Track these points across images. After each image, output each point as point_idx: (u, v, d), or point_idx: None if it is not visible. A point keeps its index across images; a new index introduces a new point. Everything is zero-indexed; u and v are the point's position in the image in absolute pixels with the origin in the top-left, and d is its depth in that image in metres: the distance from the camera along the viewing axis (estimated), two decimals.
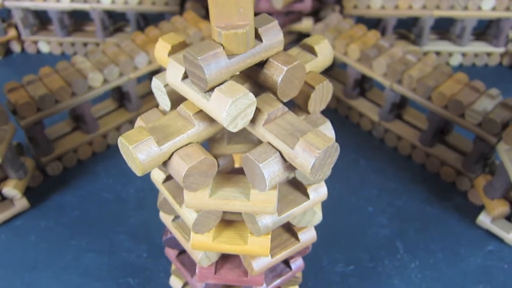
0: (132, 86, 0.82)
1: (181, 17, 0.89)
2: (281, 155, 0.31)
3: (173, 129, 0.32)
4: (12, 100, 0.72)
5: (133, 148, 0.30)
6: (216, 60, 0.29)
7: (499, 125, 0.69)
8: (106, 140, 0.85)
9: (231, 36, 0.29)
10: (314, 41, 0.37)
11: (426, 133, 0.80)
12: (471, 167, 0.76)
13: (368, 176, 0.82)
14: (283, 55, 0.32)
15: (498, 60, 1.07)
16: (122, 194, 0.79)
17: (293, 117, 0.32)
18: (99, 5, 0.98)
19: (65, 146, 0.80)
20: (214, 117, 0.30)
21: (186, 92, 0.32)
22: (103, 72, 0.76)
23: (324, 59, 0.37)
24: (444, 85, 0.76)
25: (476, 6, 0.97)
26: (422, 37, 1.02)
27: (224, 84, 0.30)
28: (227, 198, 0.34)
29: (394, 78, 0.79)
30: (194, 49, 0.30)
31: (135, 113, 0.86)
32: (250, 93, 0.30)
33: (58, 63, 0.79)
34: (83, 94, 0.76)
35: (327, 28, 0.87)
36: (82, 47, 1.07)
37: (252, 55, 0.31)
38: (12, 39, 1.07)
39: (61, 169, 0.81)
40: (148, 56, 0.81)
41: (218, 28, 0.30)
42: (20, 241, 0.72)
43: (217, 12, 0.29)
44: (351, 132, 0.91)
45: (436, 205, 0.78)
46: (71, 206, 0.77)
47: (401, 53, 0.81)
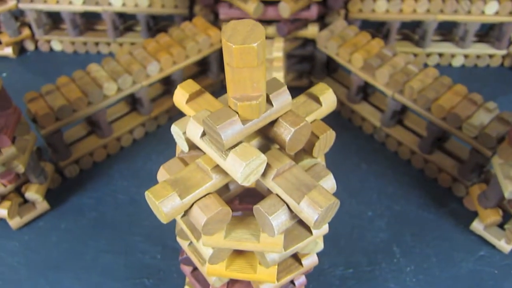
0: (144, 92, 0.86)
1: (191, 23, 0.91)
2: (288, 206, 0.35)
3: (193, 181, 0.36)
4: (32, 110, 0.76)
5: (159, 203, 0.34)
6: (232, 127, 0.33)
7: (494, 139, 0.73)
8: (120, 142, 0.89)
9: (245, 106, 0.33)
10: (319, 91, 0.41)
11: (425, 141, 0.84)
12: (467, 175, 0.80)
13: (368, 180, 0.87)
14: (291, 115, 0.36)
15: (500, 61, 1.09)
16: (136, 196, 0.84)
17: (299, 171, 0.36)
18: (110, 7, 1.00)
19: (81, 150, 0.84)
20: (229, 173, 0.34)
21: (205, 148, 0.36)
22: (117, 82, 0.80)
23: (328, 108, 0.41)
24: (443, 97, 0.79)
25: (479, 11, 0.99)
26: (425, 40, 1.05)
27: (239, 146, 0.34)
28: (240, 239, 0.38)
29: (396, 88, 0.82)
30: (213, 117, 0.33)
31: (147, 116, 0.90)
32: (261, 155, 0.34)
33: (74, 72, 0.82)
34: (99, 103, 0.80)
35: (332, 35, 0.90)
36: (94, 46, 1.10)
37: (263, 119, 0.35)
38: (26, 38, 1.10)
39: (78, 171, 0.86)
40: (160, 64, 0.84)
41: (234, 100, 0.33)
42: (43, 242, 0.77)
43: (233, 86, 0.33)
44: (353, 135, 0.95)
45: (433, 210, 0.82)
46: (88, 207, 0.82)
47: (403, 63, 0.84)
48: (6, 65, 1.10)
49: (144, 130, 0.92)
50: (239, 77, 0.31)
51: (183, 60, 0.87)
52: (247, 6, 0.84)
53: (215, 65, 0.95)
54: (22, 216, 0.78)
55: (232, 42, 0.30)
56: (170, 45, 0.87)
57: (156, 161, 0.89)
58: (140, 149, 0.91)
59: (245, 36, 0.30)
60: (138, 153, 0.90)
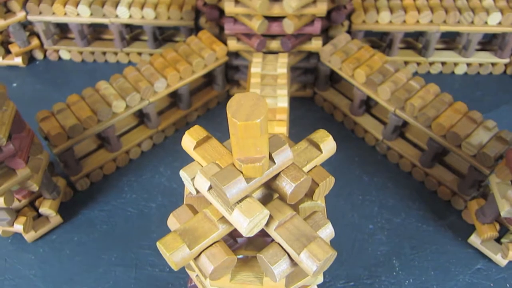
0: (152, 108, 0.88)
1: (196, 37, 0.93)
2: (289, 255, 0.38)
3: (200, 231, 0.38)
4: (45, 130, 0.78)
5: (170, 255, 0.37)
6: (237, 186, 0.36)
7: (492, 159, 0.75)
8: (129, 155, 0.92)
9: (250, 168, 0.35)
10: (319, 138, 0.43)
11: (426, 155, 0.86)
12: (465, 190, 0.83)
13: (370, 193, 0.89)
14: (293, 170, 0.38)
15: (503, 69, 1.11)
16: (145, 209, 0.87)
17: (299, 221, 0.39)
18: (117, 19, 1.02)
19: (92, 164, 0.87)
20: (234, 226, 0.37)
21: (211, 200, 0.38)
22: (125, 100, 0.82)
23: (328, 154, 0.44)
24: (443, 114, 0.81)
25: (482, 21, 1.00)
26: (428, 49, 1.06)
27: (243, 201, 0.37)
28: (244, 282, 0.41)
29: (398, 105, 0.84)
30: (219, 177, 0.36)
31: (155, 130, 0.93)
32: (264, 210, 0.36)
33: (84, 90, 0.85)
34: (108, 121, 0.82)
35: (335, 49, 0.91)
36: (101, 55, 1.12)
37: (266, 176, 0.37)
38: (35, 48, 1.12)
39: (88, 184, 0.89)
40: (167, 80, 0.86)
41: (239, 161, 0.36)
42: (57, 255, 0.81)
43: (238, 150, 0.35)
44: (356, 146, 0.97)
45: (432, 223, 0.85)
46: (99, 220, 0.85)
47: (405, 79, 0.86)
48: (16, 75, 1.13)
49: (151, 143, 0.94)
50: (244, 144, 0.34)
51: (190, 75, 0.89)
52: (252, 23, 0.86)
53: (221, 78, 0.98)
54: (36, 230, 0.81)
55: (237, 118, 0.32)
56: (176, 60, 0.89)
57: (164, 174, 0.92)
58: (148, 161, 0.94)
59: (249, 112, 0.32)
60: (146, 165, 0.93)
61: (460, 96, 1.06)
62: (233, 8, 0.85)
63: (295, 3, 0.81)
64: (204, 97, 0.99)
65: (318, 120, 1.01)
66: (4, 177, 0.71)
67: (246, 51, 0.94)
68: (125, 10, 1.00)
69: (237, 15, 0.87)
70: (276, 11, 0.85)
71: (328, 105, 1.01)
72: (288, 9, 0.83)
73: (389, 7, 1.01)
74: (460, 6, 1.01)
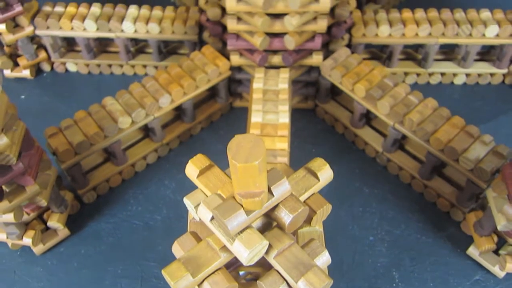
0: (157, 122, 0.90)
1: (200, 53, 0.95)
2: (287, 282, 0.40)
3: (203, 259, 0.41)
4: (53, 146, 0.81)
5: (175, 283, 0.39)
6: (237, 218, 0.38)
7: (489, 173, 0.77)
8: (134, 168, 0.94)
9: (249, 202, 0.37)
10: (317, 167, 0.45)
11: (424, 168, 0.88)
12: (463, 202, 0.84)
13: (370, 204, 0.91)
14: (291, 201, 0.40)
15: (501, 79, 1.12)
16: (150, 221, 0.89)
17: (297, 250, 0.41)
18: (123, 33, 1.04)
19: (98, 178, 0.90)
20: (235, 255, 0.39)
21: (214, 230, 0.41)
22: (131, 116, 0.85)
23: (325, 182, 0.46)
24: (441, 129, 0.82)
25: (480, 34, 1.02)
26: (427, 61, 1.07)
27: (244, 232, 0.39)
28: None
29: (397, 119, 0.86)
30: (220, 210, 0.38)
31: (160, 143, 0.95)
32: (264, 241, 0.38)
33: (91, 106, 0.87)
34: (114, 136, 0.85)
35: (335, 64, 0.93)
36: (107, 67, 1.15)
37: (265, 208, 0.39)
38: (43, 61, 1.15)
39: (95, 197, 0.91)
40: (171, 96, 0.89)
41: (239, 196, 0.38)
42: (65, 267, 0.83)
43: (238, 185, 0.37)
44: (357, 158, 0.99)
45: (431, 234, 0.87)
46: (106, 233, 0.87)
47: (404, 93, 0.88)
48: (24, 87, 1.15)
49: (156, 155, 0.97)
50: (244, 181, 0.36)
51: (193, 90, 0.91)
52: (254, 39, 0.88)
53: (224, 91, 1.00)
54: (45, 243, 0.83)
55: (237, 160, 0.34)
56: (181, 76, 0.91)
57: (168, 186, 0.94)
58: (153, 174, 0.96)
59: (248, 154, 0.34)
60: (152, 178, 0.95)
61: (459, 106, 1.08)
62: (236, 26, 0.87)
63: (295, 20, 0.83)
64: (208, 110, 1.01)
65: (319, 132, 1.03)
66: (13, 193, 0.73)
67: (248, 65, 0.96)
68: (131, 25, 1.02)
69: (240, 31, 0.89)
70: (277, 28, 0.87)
71: (329, 117, 1.02)
72: (289, 26, 0.84)
73: (389, 21, 1.02)
74: (458, 19, 1.03)
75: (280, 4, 0.83)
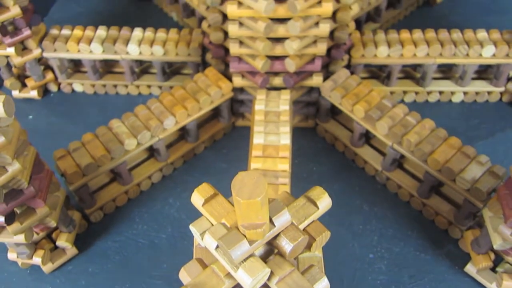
0: (161, 143, 0.93)
1: (203, 75, 0.98)
2: None
3: (209, 286, 0.43)
4: (62, 168, 0.83)
5: None
6: (241, 248, 0.40)
7: (485, 194, 0.79)
8: (140, 187, 0.97)
9: (252, 233, 0.40)
10: (316, 196, 0.48)
11: (423, 186, 0.90)
12: (461, 220, 0.86)
13: (370, 222, 0.93)
14: (291, 230, 0.43)
15: (499, 97, 1.14)
16: (156, 240, 0.91)
17: (298, 276, 0.43)
18: (128, 56, 1.07)
19: (105, 197, 0.92)
20: (239, 282, 0.42)
21: (218, 258, 0.43)
22: (137, 138, 0.87)
23: (324, 209, 0.48)
24: (438, 149, 0.85)
25: (477, 54, 1.04)
26: (426, 79, 1.10)
27: (247, 261, 0.41)
28: None
29: (395, 140, 0.88)
30: (225, 240, 0.40)
31: (164, 163, 0.98)
32: (266, 268, 0.41)
33: (98, 129, 0.90)
34: (121, 158, 0.87)
35: (335, 85, 0.96)
36: (112, 87, 1.18)
37: (267, 237, 0.42)
38: (50, 81, 1.18)
39: (102, 216, 0.94)
40: (175, 118, 0.91)
41: (242, 227, 0.40)
42: (73, 285, 0.85)
43: (241, 217, 0.39)
44: (357, 176, 1.01)
45: (430, 252, 0.89)
46: (112, 251, 0.90)
47: (402, 114, 0.90)
48: (32, 107, 1.18)
49: (161, 174, 0.99)
50: (247, 214, 0.38)
51: (197, 112, 0.94)
52: (256, 62, 0.91)
53: (226, 111, 1.02)
54: (53, 262, 0.86)
55: (240, 197, 0.37)
56: (185, 98, 0.94)
57: (173, 205, 0.96)
58: (158, 193, 0.99)
59: (251, 190, 0.36)
60: (157, 197, 0.98)
61: (458, 123, 1.11)
62: (238, 49, 0.90)
63: (296, 44, 0.86)
64: (211, 130, 1.04)
65: (320, 150, 1.06)
66: (24, 215, 0.76)
67: (250, 87, 0.99)
68: (135, 48, 1.05)
69: (242, 55, 0.92)
70: (278, 51, 0.90)
71: (329, 136, 1.05)
72: (290, 50, 0.87)
73: (387, 41, 1.05)
74: (455, 39, 1.05)
75: (281, 29, 0.86)
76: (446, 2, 1.44)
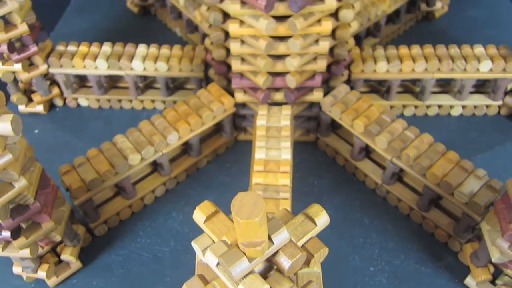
0: (165, 158, 0.95)
1: (206, 90, 1.00)
2: None
3: None
4: (67, 183, 0.85)
5: None
6: (241, 265, 0.42)
7: (482, 207, 0.80)
8: (143, 201, 0.98)
9: (252, 251, 0.41)
10: (314, 213, 0.49)
11: (422, 200, 0.91)
12: (460, 233, 0.87)
13: (370, 235, 0.94)
14: (290, 247, 0.44)
15: (497, 110, 1.16)
16: (159, 253, 0.93)
17: None
18: (133, 71, 1.10)
19: (109, 212, 0.94)
20: None
21: (219, 275, 0.44)
22: (141, 153, 0.89)
23: (322, 226, 0.49)
24: (437, 164, 0.86)
25: (474, 69, 1.06)
26: (424, 94, 1.12)
27: (247, 277, 0.42)
28: None
29: (394, 154, 0.90)
30: (225, 258, 0.42)
31: (168, 177, 0.99)
32: (266, 285, 0.42)
33: (102, 144, 0.92)
34: (125, 172, 0.89)
35: (335, 100, 0.98)
36: (117, 102, 1.20)
37: (266, 255, 0.43)
38: (56, 96, 1.20)
39: (106, 229, 0.95)
40: (178, 133, 0.93)
41: (242, 245, 0.42)
42: None
43: (241, 236, 0.41)
44: (357, 189, 1.02)
45: (430, 264, 0.90)
46: (116, 265, 0.91)
47: (401, 129, 0.92)
48: (38, 121, 1.20)
49: (164, 188, 1.01)
50: (246, 233, 0.40)
51: (200, 127, 0.96)
52: (257, 79, 0.93)
53: (228, 126, 1.04)
54: (58, 275, 0.87)
55: (240, 217, 0.38)
56: (188, 114, 0.95)
57: (176, 219, 0.98)
58: (161, 206, 1.00)
59: (250, 211, 0.38)
60: (160, 211, 0.99)
61: (457, 136, 1.12)
62: (240, 66, 0.92)
63: (296, 62, 0.88)
64: (213, 144, 1.06)
65: (321, 164, 1.07)
66: (30, 230, 0.77)
67: (252, 102, 1.01)
68: (140, 64, 1.08)
69: (244, 71, 0.94)
70: (279, 68, 0.91)
71: (330, 150, 1.07)
72: (290, 67, 0.89)
73: (386, 57, 1.07)
74: (453, 55, 1.07)
75: (281, 47, 0.88)
76: (444, 17, 1.46)
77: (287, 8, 0.80)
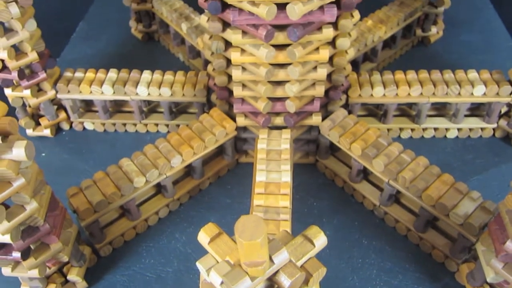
0: (169, 180, 0.98)
1: (208, 115, 1.04)
2: None
3: None
4: (74, 205, 0.88)
5: None
6: (243, 285, 0.44)
7: (477, 228, 0.83)
8: (147, 222, 1.01)
9: (254, 270, 0.44)
10: (313, 235, 0.52)
11: (419, 221, 0.94)
12: (456, 254, 0.90)
13: (369, 256, 0.96)
14: (289, 267, 0.47)
15: (491, 133, 1.19)
16: (162, 274, 0.95)
17: None
18: (137, 96, 1.13)
19: (114, 233, 0.96)
20: None
21: None
22: (145, 176, 0.92)
23: (320, 247, 0.52)
24: (432, 186, 0.89)
25: (468, 93, 1.10)
26: (420, 117, 1.15)
27: None
28: None
29: (391, 176, 0.93)
30: (229, 277, 0.45)
31: (171, 199, 1.02)
32: None
33: (108, 167, 0.95)
34: (130, 195, 0.92)
35: (333, 124, 1.01)
36: (122, 126, 1.23)
37: (267, 274, 0.46)
38: (63, 121, 1.24)
39: (111, 250, 0.98)
40: (182, 157, 0.96)
41: (245, 265, 0.44)
42: None
43: (244, 256, 0.44)
44: (356, 210, 1.05)
45: (427, 285, 0.92)
46: (120, 285, 0.93)
47: (397, 152, 0.95)
48: (45, 145, 1.24)
49: (168, 210, 1.04)
50: (249, 253, 0.43)
51: (202, 151, 0.99)
52: (258, 104, 0.96)
53: (230, 149, 1.07)
54: None
55: (242, 238, 0.41)
56: (191, 137, 0.99)
57: (179, 239, 1.00)
58: (165, 227, 1.03)
59: (252, 233, 0.41)
60: (163, 232, 1.02)
61: (452, 159, 1.15)
62: (241, 92, 0.96)
63: (296, 88, 0.92)
64: (216, 167, 1.09)
65: (320, 185, 1.10)
66: (38, 251, 0.80)
67: (253, 126, 1.04)
68: (144, 89, 1.11)
69: (245, 97, 0.98)
70: (279, 94, 0.95)
71: (329, 172, 1.09)
72: (290, 93, 0.93)
73: (383, 82, 1.11)
74: (447, 80, 1.11)
75: (281, 73, 0.91)
76: (439, 42, 1.50)
77: (286, 37, 0.84)
